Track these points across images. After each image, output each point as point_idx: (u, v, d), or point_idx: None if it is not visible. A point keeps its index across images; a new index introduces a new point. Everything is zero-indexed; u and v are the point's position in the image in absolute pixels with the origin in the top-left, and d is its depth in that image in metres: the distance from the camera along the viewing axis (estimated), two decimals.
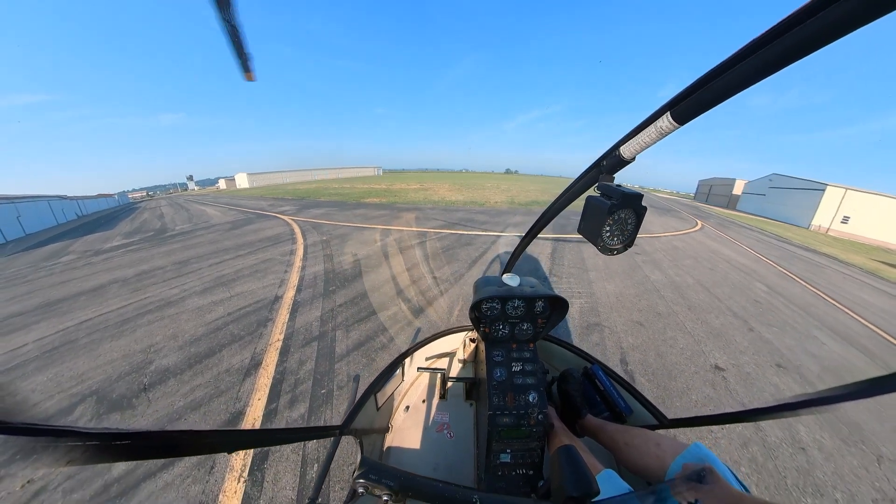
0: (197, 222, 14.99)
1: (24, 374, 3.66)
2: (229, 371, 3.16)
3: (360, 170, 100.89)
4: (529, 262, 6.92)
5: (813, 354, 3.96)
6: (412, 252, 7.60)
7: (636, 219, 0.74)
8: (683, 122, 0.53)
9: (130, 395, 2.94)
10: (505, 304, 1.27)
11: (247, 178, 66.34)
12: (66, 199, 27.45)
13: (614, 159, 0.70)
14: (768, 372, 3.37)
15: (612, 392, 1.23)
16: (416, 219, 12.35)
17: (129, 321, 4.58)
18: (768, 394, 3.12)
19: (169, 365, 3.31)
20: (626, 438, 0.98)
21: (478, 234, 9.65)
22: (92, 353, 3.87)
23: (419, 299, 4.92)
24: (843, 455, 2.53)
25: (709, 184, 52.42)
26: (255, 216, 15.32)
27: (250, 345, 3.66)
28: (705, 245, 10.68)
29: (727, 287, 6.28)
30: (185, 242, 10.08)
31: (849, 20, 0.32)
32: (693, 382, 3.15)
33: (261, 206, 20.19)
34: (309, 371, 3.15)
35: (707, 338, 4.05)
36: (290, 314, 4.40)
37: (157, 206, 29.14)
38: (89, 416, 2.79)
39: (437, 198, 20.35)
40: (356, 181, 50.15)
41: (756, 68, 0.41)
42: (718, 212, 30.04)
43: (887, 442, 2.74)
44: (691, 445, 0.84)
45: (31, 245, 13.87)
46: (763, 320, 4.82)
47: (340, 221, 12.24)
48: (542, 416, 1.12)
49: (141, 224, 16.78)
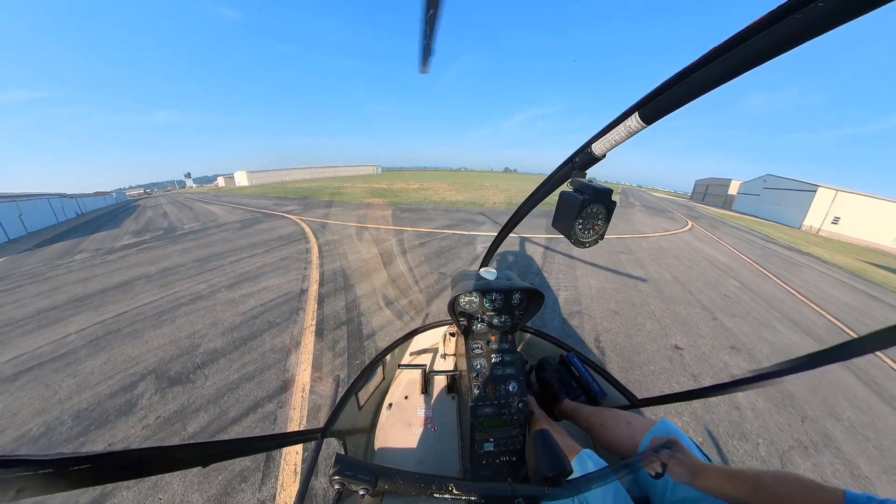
0: (205, 221, 15.30)
1: (78, 360, 4.10)
2: (273, 350, 3.73)
3: (358, 168, 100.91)
4: (525, 261, 7.49)
5: (766, 340, 4.58)
6: (420, 251, 8.14)
7: (606, 213, 0.77)
8: (650, 122, 0.55)
9: (187, 372, 3.50)
10: (483, 298, 1.31)
11: (246, 177, 66.50)
12: (66, 196, 27.38)
13: (586, 156, 0.73)
14: (721, 352, 4.00)
15: (586, 377, 1.30)
16: (419, 219, 12.87)
17: (165, 313, 5.10)
18: (717, 368, 3.72)
19: (216, 347, 3.88)
20: (601, 419, 1.05)
21: (477, 234, 10.20)
22: (138, 340, 4.38)
23: (432, 289, 5.57)
24: (772, 414, 3.13)
25: (705, 184, 52.96)
26: (262, 215, 15.68)
27: (287, 329, 4.22)
28: (691, 245, 11.24)
29: (701, 283, 6.86)
30: (198, 241, 10.50)
31: (808, 28, 0.34)
32: (653, 357, 3.77)
33: (264, 204, 20.52)
34: (343, 347, 3.77)
35: (673, 324, 4.66)
36: (317, 304, 4.97)
37: (158, 205, 29.16)
38: (153, 390, 3.33)
39: (437, 198, 20.83)
40: (356, 180, 50.43)
41: (719, 73, 0.43)
42: (713, 212, 30.56)
43: (814, 408, 3.34)
44: (659, 422, 0.91)
45: (37, 243, 13.98)
46: (728, 312, 5.42)
47: (348, 222, 12.70)
48: (523, 404, 1.17)
49: (147, 223, 17.02)
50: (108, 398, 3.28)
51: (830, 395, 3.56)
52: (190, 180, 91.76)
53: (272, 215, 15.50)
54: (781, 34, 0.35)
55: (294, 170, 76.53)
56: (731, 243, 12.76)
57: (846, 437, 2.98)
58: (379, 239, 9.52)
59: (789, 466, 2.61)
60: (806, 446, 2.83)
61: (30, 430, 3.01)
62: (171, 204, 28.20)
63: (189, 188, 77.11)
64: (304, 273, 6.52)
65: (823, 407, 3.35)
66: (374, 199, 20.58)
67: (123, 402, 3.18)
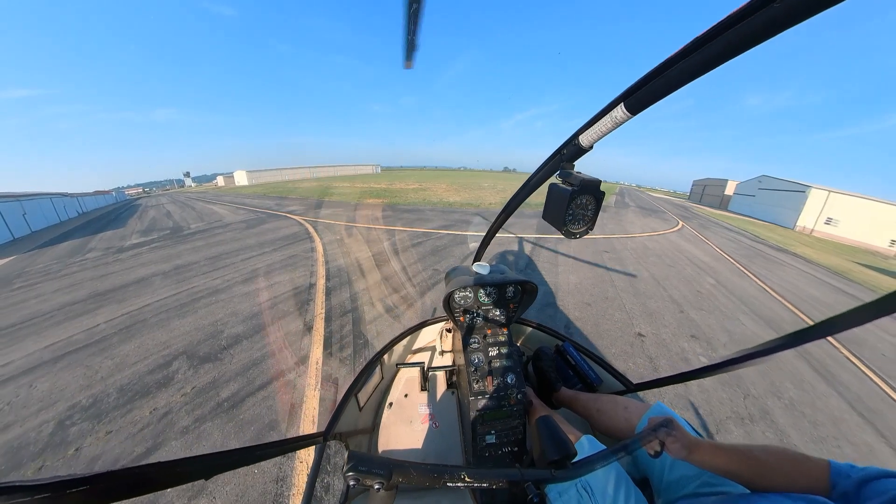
0: (210, 221, 15.68)
1: (111, 345, 4.57)
2: (289, 333, 4.28)
3: (358, 167, 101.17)
4: (512, 259, 8.00)
5: (728, 330, 5.10)
6: (417, 249, 8.67)
7: (595, 203, 0.78)
8: (636, 112, 0.56)
9: (214, 352, 4.02)
10: (477, 293, 1.34)
11: (246, 176, 66.85)
12: (67, 196, 27.53)
13: (574, 148, 0.74)
14: (681, 340, 4.54)
15: (582, 365, 1.33)
16: (417, 220, 13.38)
17: (186, 305, 5.60)
18: (674, 353, 4.24)
19: (238, 332, 4.41)
20: (598, 405, 1.07)
21: (470, 234, 10.72)
22: (165, 328, 4.88)
23: (426, 283, 6.14)
24: (717, 391, 3.65)
25: (702, 184, 53.23)
26: (266, 216, 16.08)
27: (300, 317, 4.79)
28: (676, 245, 11.67)
29: (677, 280, 7.37)
30: (207, 240, 10.95)
31: (786, 18, 0.35)
32: (617, 342, 4.31)
33: (267, 205, 20.93)
34: (349, 330, 4.37)
35: (640, 315, 5.20)
36: (325, 296, 5.53)
37: (159, 204, 29.36)
38: (186, 367, 3.84)
39: (435, 199, 21.32)
40: (355, 179, 50.73)
41: (701, 62, 0.44)
42: (708, 212, 30.88)
43: (759, 388, 3.85)
44: (654, 405, 0.94)
45: (43, 242, 14.17)
46: (697, 306, 5.94)
47: (350, 222, 13.16)
48: (521, 395, 1.18)
49: (152, 222, 17.32)
50: (147, 374, 3.79)
51: (778, 378, 4.07)
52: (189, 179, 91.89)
53: (276, 215, 15.92)
54: (761, 21, 0.36)
55: (294, 169, 76.91)
56: (717, 244, 13.12)
57: (783, 413, 3.46)
58: (378, 238, 10.02)
59: (722, 433, 3.11)
60: (742, 418, 3.33)
61: (79, 401, 3.49)
62: (172, 203, 28.48)
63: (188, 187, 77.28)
64: (311, 269, 7.05)
65: (769, 388, 3.86)
66: (374, 200, 21.04)
67: (161, 377, 3.70)
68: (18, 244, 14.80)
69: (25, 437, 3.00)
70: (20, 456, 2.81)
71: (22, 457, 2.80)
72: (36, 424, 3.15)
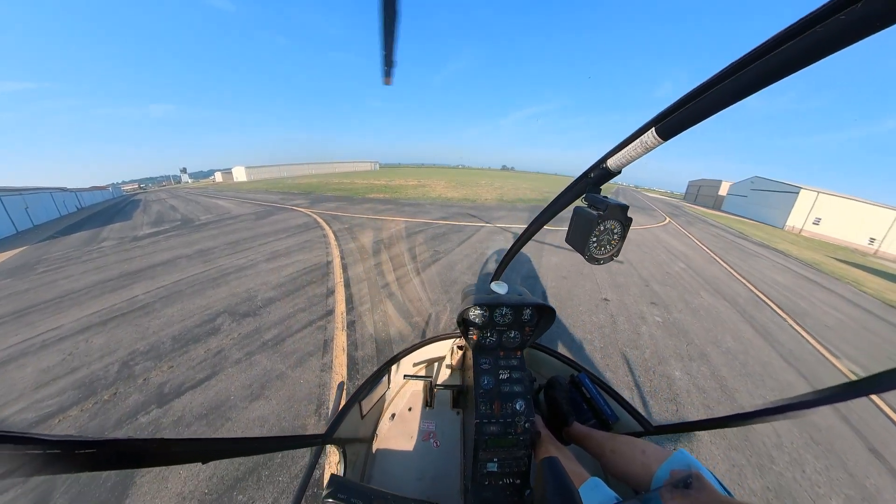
0: (218, 213, 16.19)
1: (155, 310, 5.18)
2: (315, 296, 5.12)
3: (357, 164, 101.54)
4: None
5: (686, 301, 5.95)
6: (419, 236, 9.48)
7: (622, 229, 0.77)
8: (667, 138, 0.55)
9: (252, 311, 4.81)
10: (493, 312, 1.30)
11: (245, 172, 67.02)
12: (66, 191, 27.63)
13: (601, 171, 0.73)
14: (641, 305, 5.39)
15: (598, 400, 1.24)
16: (418, 212, 14.18)
17: (217, 279, 6.31)
18: (632, 313, 5.04)
19: (271, 297, 5.21)
20: (613, 445, 0.99)
21: (466, 225, 11.55)
22: (202, 295, 5.59)
23: (425, 260, 7.02)
24: (664, 339, 4.49)
25: (697, 185, 53.83)
26: (273, 209, 16.67)
27: (322, 284, 5.64)
28: (657, 237, 12.54)
29: (650, 263, 8.21)
30: (221, 229, 11.63)
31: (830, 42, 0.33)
32: (584, 304, 5.17)
33: (271, 199, 21.53)
34: (365, 293, 5.22)
35: (609, 287, 6.08)
36: (342, 270, 6.38)
37: (160, 199, 29.45)
38: (229, 321, 4.59)
39: (434, 195, 22.09)
40: (355, 176, 51.11)
41: (736, 89, 0.42)
42: (700, 211, 31.74)
43: (701, 338, 4.67)
44: (676, 452, 0.83)
45: (51, 234, 14.31)
46: (662, 282, 6.80)
47: (355, 214, 13.88)
48: (529, 424, 1.13)
49: (159, 215, 17.66)
50: (195, 328, 4.52)
51: (720, 333, 4.87)
52: (185, 175, 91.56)
53: (283, 209, 16.55)
54: (802, 47, 0.35)
55: (292, 165, 77.17)
56: (699, 237, 13.89)
57: (718, 355, 4.26)
58: (384, 227, 10.80)
59: (664, 365, 3.91)
60: (682, 357, 4.16)
61: (137, 348, 4.13)
62: (174, 198, 28.63)
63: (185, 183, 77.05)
64: (326, 251, 7.88)
65: (708, 337, 4.68)
66: (375, 195, 21.76)
67: (209, 329, 4.46)
68: (23, 237, 14.94)
69: (94, 374, 3.59)
70: (94, 387, 3.35)
71: (96, 387, 3.35)
72: (102, 366, 3.71)
